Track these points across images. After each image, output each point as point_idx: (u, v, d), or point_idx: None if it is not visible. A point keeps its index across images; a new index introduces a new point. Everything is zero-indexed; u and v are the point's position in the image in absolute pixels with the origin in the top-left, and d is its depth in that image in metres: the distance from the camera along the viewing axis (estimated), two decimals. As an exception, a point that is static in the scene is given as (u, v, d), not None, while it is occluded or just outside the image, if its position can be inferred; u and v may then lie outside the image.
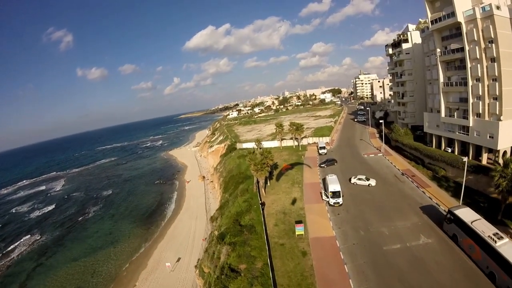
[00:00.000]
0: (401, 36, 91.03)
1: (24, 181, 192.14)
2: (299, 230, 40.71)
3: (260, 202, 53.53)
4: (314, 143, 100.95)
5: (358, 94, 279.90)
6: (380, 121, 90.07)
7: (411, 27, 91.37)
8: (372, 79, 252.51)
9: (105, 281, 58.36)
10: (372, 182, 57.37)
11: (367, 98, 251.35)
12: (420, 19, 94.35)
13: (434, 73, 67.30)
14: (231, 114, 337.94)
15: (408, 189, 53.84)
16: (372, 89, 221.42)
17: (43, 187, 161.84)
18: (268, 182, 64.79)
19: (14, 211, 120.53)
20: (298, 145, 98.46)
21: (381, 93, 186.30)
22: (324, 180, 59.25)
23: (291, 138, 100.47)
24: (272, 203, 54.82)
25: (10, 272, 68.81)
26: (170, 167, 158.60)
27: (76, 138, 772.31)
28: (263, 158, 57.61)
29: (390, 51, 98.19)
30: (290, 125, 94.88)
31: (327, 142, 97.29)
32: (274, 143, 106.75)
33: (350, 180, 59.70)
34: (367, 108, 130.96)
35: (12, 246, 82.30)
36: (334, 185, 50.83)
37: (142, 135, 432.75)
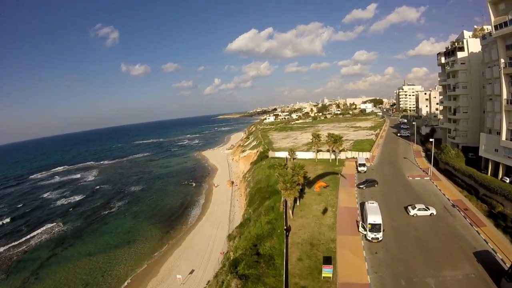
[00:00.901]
0: (456, 43, 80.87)
1: (59, 167, 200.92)
2: (327, 272, 33.74)
3: (285, 227, 47.12)
4: (353, 158, 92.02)
5: (401, 106, 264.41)
6: (430, 139, 79.61)
7: (467, 33, 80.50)
8: (417, 91, 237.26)
9: (114, 283, 56.15)
10: (433, 210, 49.40)
11: (410, 111, 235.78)
12: (475, 26, 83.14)
13: (496, 87, 57.77)
14: (268, 118, 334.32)
15: (460, 227, 44.97)
16: (417, 101, 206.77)
17: (76, 176, 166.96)
18: (298, 202, 57.65)
19: (44, 197, 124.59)
20: (335, 159, 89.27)
21: (427, 106, 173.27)
22: (362, 206, 51.37)
23: (328, 151, 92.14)
24: (299, 229, 48.00)
25: (26, 257, 69.74)
26: (201, 168, 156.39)
27: (116, 130, 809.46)
28: (294, 175, 51.30)
29: (443, 60, 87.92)
30: (328, 136, 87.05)
31: (367, 158, 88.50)
32: (309, 155, 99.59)
33: (407, 211, 50.65)
34: (413, 123, 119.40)
35: (33, 233, 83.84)
36: (374, 216, 43.05)
37: (179, 133, 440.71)
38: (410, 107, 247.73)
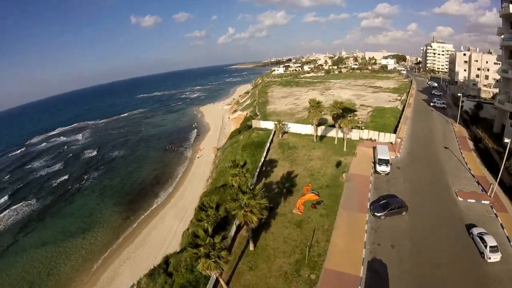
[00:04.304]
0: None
1: (57, 130, 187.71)
2: None
3: None
4: (370, 140, 64.59)
5: (427, 65, 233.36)
6: (504, 138, 45.14)
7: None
8: (448, 50, 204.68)
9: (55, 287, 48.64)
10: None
11: (440, 72, 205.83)
12: None
13: None
14: (277, 70, 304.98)
15: None
16: (452, 63, 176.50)
17: (67, 138, 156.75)
18: (251, 243, 34.28)
19: (29, 167, 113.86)
20: (344, 140, 60.82)
21: (465, 70, 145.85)
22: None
23: (334, 125, 63.80)
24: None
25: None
26: (193, 127, 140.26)
27: (127, 83, 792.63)
28: (236, 211, 29.44)
29: (511, 8, 57.56)
30: (334, 106, 59.30)
31: (391, 143, 61.11)
32: (307, 129, 71.29)
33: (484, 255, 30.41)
34: (459, 94, 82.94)
35: (4, 213, 75.69)
36: None
37: (186, 84, 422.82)
38: (438, 68, 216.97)
